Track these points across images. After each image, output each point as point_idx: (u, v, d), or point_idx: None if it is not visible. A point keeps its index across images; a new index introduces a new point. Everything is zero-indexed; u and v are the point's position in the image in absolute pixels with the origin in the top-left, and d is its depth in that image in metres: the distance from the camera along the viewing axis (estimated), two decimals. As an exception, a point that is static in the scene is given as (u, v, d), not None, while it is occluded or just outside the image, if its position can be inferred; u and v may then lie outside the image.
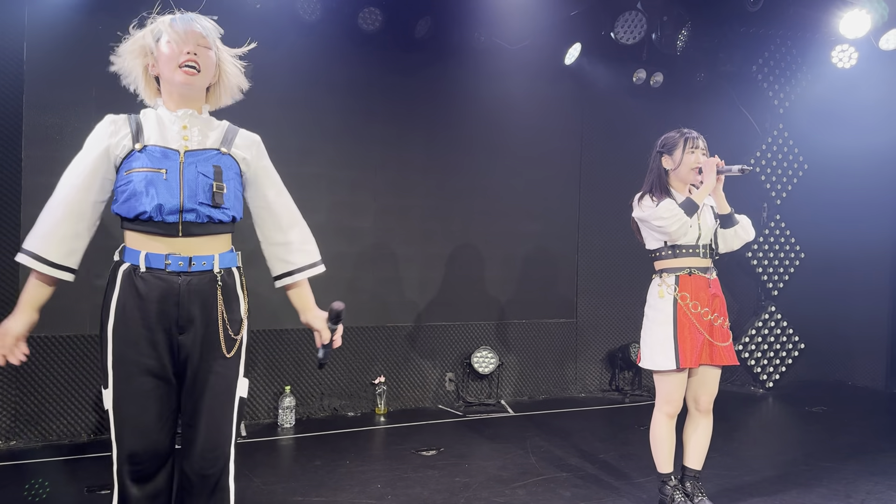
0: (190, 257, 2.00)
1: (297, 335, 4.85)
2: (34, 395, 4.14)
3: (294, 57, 4.75)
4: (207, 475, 2.04)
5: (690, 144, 3.03)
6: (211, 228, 2.04)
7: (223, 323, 2.04)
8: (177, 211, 1.98)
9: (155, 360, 1.99)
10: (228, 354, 2.05)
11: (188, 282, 2.00)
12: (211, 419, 2.03)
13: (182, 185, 1.99)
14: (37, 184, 4.13)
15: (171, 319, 1.99)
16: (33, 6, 4.09)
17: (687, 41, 5.18)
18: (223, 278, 2.05)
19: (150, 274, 1.99)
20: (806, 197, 6.34)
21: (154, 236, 1.99)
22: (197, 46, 2.03)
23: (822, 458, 4.14)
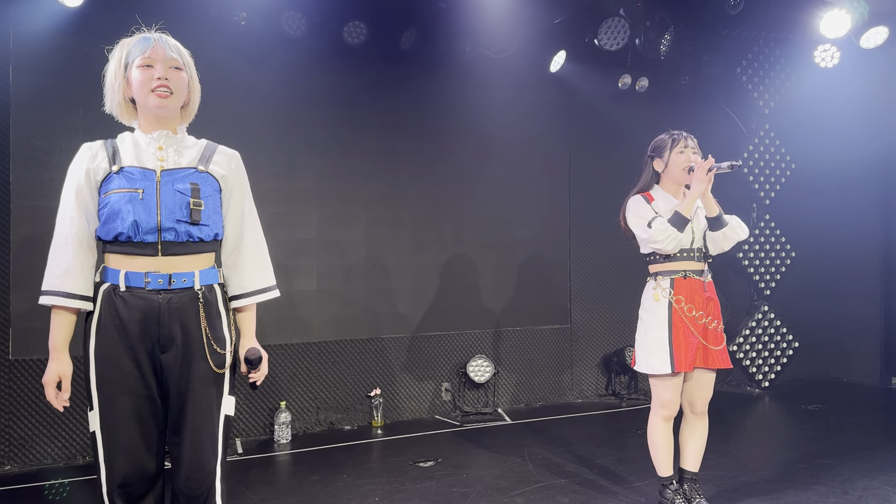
0: (170, 275, 1.99)
1: (290, 350, 4.84)
2: (27, 418, 4.12)
3: (280, 72, 4.76)
4: (194, 496, 2.03)
5: (680, 144, 3.02)
6: (191, 247, 2.03)
7: (206, 339, 2.02)
8: (154, 230, 1.98)
9: (138, 380, 1.98)
10: (219, 370, 2.04)
11: (168, 299, 1.99)
12: (194, 439, 2.01)
13: (159, 204, 1.98)
14: (25, 206, 4.13)
15: (152, 338, 1.98)
16: (18, 28, 4.10)
17: (670, 45, 5.22)
18: (204, 295, 2.04)
19: (129, 293, 1.97)
20: (794, 196, 6.38)
21: (134, 256, 1.99)
22: (168, 69, 2.03)
23: (819, 455, 4.15)
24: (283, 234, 4.82)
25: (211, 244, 2.09)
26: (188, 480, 2.02)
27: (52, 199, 4.14)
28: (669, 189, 3.09)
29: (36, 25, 4.13)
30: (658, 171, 3.11)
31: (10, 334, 4.07)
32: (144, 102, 2.03)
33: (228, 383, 2.09)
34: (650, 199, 3.07)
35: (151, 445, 2.01)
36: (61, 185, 4.35)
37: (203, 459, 2.03)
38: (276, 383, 4.79)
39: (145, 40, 2.04)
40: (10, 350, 4.08)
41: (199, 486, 2.02)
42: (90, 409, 2.01)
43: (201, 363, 2.02)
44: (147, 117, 2.07)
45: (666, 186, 3.10)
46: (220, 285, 2.11)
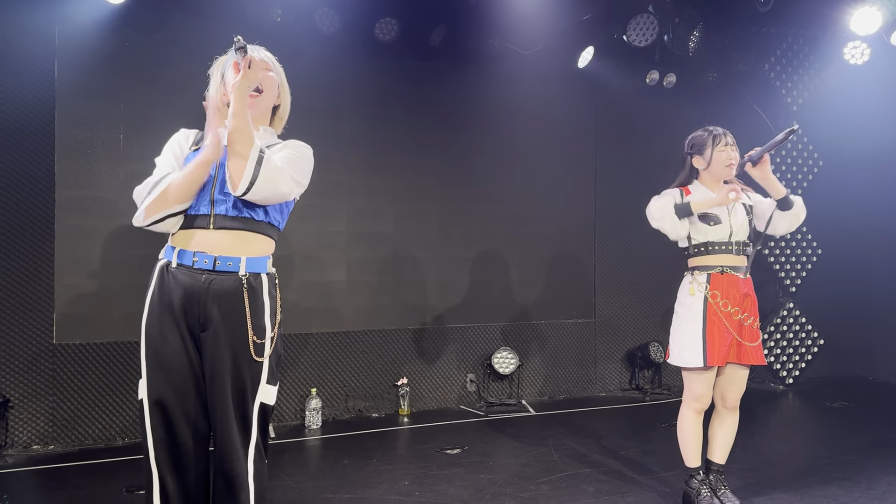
0: (215, 256, 2.05)
1: (321, 339, 4.96)
2: (70, 401, 4.28)
3: (313, 68, 4.86)
4: (227, 477, 2.07)
5: (720, 142, 3.04)
6: (242, 224, 2.08)
7: (249, 328, 2.05)
8: (209, 202, 2.07)
9: (182, 355, 2.05)
10: (258, 359, 2.07)
11: (211, 281, 2.05)
12: (223, 420, 2.06)
13: (216, 177, 2.08)
14: (70, 196, 4.28)
15: (194, 316, 2.06)
16: (63, 24, 4.24)
17: (699, 42, 5.24)
18: (248, 282, 2.08)
19: (178, 270, 2.07)
20: (822, 193, 6.35)
21: (188, 230, 2.08)
22: (262, 69, 2.15)
23: (844, 452, 4.17)
24: (315, 226, 4.94)
25: (262, 226, 2.13)
26: (221, 462, 2.08)
27: (95, 190, 4.32)
28: (709, 184, 3.11)
29: (80, 21, 4.27)
30: (698, 169, 3.12)
31: (54, 320, 4.23)
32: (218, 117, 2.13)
33: (267, 372, 2.11)
34: (686, 193, 3.10)
35: (193, 418, 2.07)
36: (104, 176, 4.51)
37: (233, 444, 2.06)
38: (307, 371, 4.91)
39: None
40: (55, 335, 4.24)
41: (231, 468, 2.07)
42: (140, 377, 2.10)
43: (236, 348, 2.05)
44: None
45: (705, 183, 3.12)
46: (268, 275, 2.16)
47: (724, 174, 3.06)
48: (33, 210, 4.19)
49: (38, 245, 4.20)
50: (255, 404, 2.09)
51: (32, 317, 4.19)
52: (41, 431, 4.22)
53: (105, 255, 4.35)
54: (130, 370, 4.41)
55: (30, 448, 4.18)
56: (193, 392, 2.07)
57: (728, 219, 3.06)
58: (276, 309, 2.17)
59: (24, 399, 4.18)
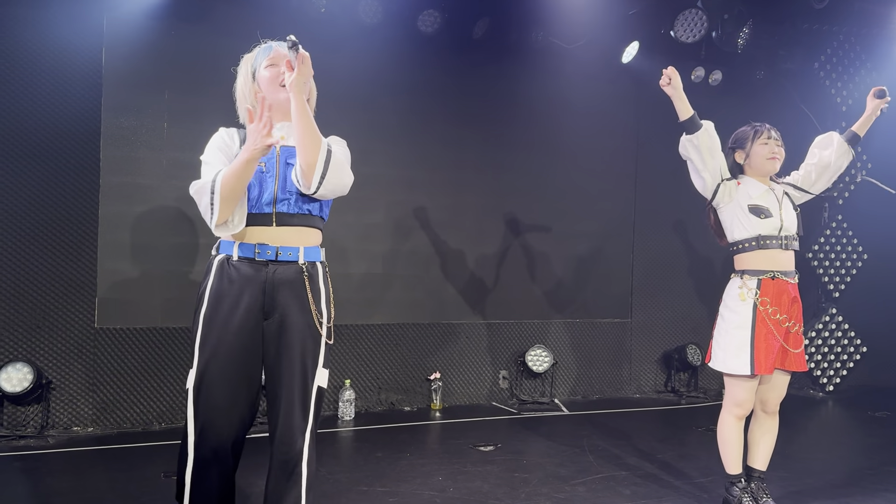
0: (277, 247, 2.14)
1: (356, 330, 4.97)
2: (110, 384, 4.35)
3: (355, 59, 4.86)
4: (284, 460, 2.15)
5: (763, 136, 3.03)
6: (301, 220, 2.18)
7: (312, 312, 2.15)
8: (271, 201, 2.15)
9: (240, 346, 2.12)
10: (317, 342, 2.16)
11: (275, 271, 2.14)
12: (287, 406, 2.14)
13: (277, 176, 2.16)
14: (114, 183, 4.33)
15: (258, 306, 2.13)
16: (112, 13, 4.29)
17: (748, 39, 5.11)
18: (308, 270, 2.18)
19: (240, 262, 2.14)
20: (868, 196, 6.17)
21: (249, 227, 2.15)
22: None
23: (888, 463, 4.06)
24: (352, 217, 4.94)
25: (316, 220, 2.23)
26: (280, 444, 2.15)
27: (139, 177, 4.37)
28: (755, 178, 3.07)
29: (128, 11, 4.31)
30: (739, 163, 3.09)
31: (96, 304, 4.30)
32: (275, 97, 2.20)
33: (323, 356, 2.21)
34: (738, 184, 3.05)
35: (240, 408, 2.15)
36: (147, 163, 4.56)
37: (293, 426, 2.14)
38: (342, 362, 4.92)
39: (268, 48, 2.27)
40: (96, 318, 4.31)
41: (290, 450, 2.15)
42: (191, 367, 2.16)
43: (299, 334, 2.14)
44: (274, 112, 2.18)
45: (750, 175, 3.09)
46: (321, 263, 2.25)
47: (767, 168, 3.03)
48: (78, 195, 4.26)
49: (82, 230, 4.27)
50: (314, 388, 2.18)
51: (75, 301, 4.26)
52: (81, 414, 4.29)
53: (147, 242, 4.40)
54: (169, 356, 4.46)
55: (70, 430, 4.26)
56: (246, 385, 2.15)
57: (779, 211, 3.00)
58: (331, 295, 2.27)
59: (65, 381, 4.25)
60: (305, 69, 2.09)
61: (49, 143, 4.19)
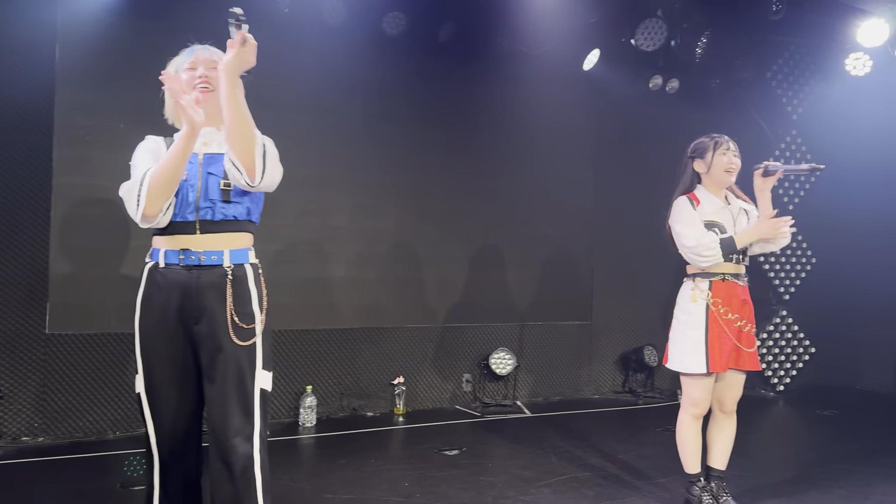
0: (200, 252, 2.14)
1: (317, 335, 4.91)
2: (62, 392, 4.20)
3: (319, 60, 4.81)
4: (227, 463, 2.11)
5: (723, 146, 3.08)
6: (227, 226, 2.18)
7: (231, 314, 2.13)
8: (194, 209, 2.14)
9: (174, 350, 2.16)
10: (242, 343, 2.13)
11: (199, 276, 2.15)
12: (225, 407, 2.12)
13: (199, 184, 2.15)
14: (67, 184, 4.20)
15: (186, 311, 2.15)
16: (65, 9, 4.15)
17: (705, 48, 5.24)
18: (233, 272, 2.16)
19: (167, 269, 2.16)
20: (818, 202, 6.40)
21: (174, 236, 2.15)
22: (209, 69, 2.21)
23: (838, 460, 4.20)
24: (316, 220, 4.89)
25: (244, 224, 2.22)
26: (219, 447, 2.12)
27: (94, 178, 4.24)
28: (711, 190, 3.13)
29: (82, 6, 4.18)
30: (699, 173, 3.15)
31: (47, 309, 4.15)
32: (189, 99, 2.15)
33: (262, 358, 2.19)
34: (696, 202, 3.11)
35: (190, 408, 2.20)
36: (102, 164, 4.43)
37: (231, 428, 2.11)
38: (303, 367, 4.86)
39: (190, 51, 2.28)
40: (48, 324, 4.16)
41: (231, 452, 2.10)
42: (136, 373, 2.21)
43: (229, 337, 2.13)
44: None
45: (708, 188, 3.14)
46: (251, 265, 2.23)
47: (724, 179, 3.09)
48: (29, 196, 4.11)
49: (33, 232, 4.12)
50: (255, 391, 2.17)
51: (25, 305, 4.11)
52: (31, 423, 4.14)
53: (101, 245, 4.27)
54: (124, 362, 4.33)
55: (19, 440, 4.10)
56: (188, 384, 2.19)
57: (733, 228, 3.08)
58: (263, 296, 2.24)
59: (14, 389, 4.09)
60: (246, 53, 2.01)
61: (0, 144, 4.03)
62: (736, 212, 3.13)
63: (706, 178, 3.14)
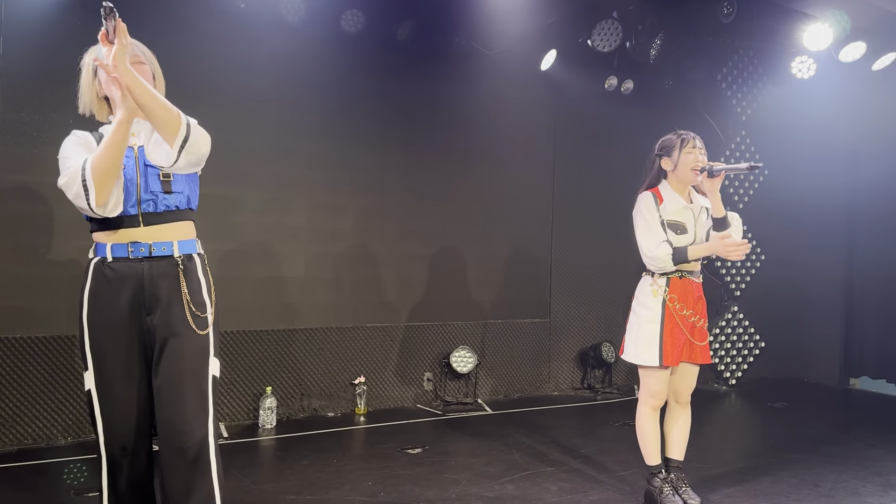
0: (150, 244, 2.18)
1: (275, 336, 4.84)
2: (8, 397, 4.04)
3: (276, 57, 4.74)
4: (182, 448, 2.13)
5: (689, 144, 3.12)
6: (169, 216, 2.21)
7: (187, 303, 2.18)
8: (135, 202, 2.16)
9: (126, 343, 2.17)
10: (201, 332, 2.19)
11: (150, 267, 2.17)
12: (180, 396, 2.15)
13: (138, 177, 2.18)
14: (13, 181, 4.04)
15: (138, 303, 2.17)
16: (9, 2, 4.00)
17: (660, 49, 5.35)
18: (183, 262, 2.21)
19: (115, 262, 2.17)
20: (766, 201, 6.61)
21: (118, 230, 2.16)
22: (132, 64, 2.15)
23: (788, 450, 4.34)
24: (274, 219, 4.82)
25: (186, 213, 2.27)
26: (175, 433, 2.13)
27: (41, 175, 4.09)
28: (676, 187, 3.18)
29: None
30: (666, 170, 3.20)
31: (-8, 311, 3.99)
32: (114, 96, 2.15)
33: (213, 345, 2.24)
34: (659, 200, 3.16)
35: (141, 402, 2.20)
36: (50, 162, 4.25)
37: (187, 413, 2.14)
38: (262, 368, 4.79)
39: None
40: (-7, 328, 4.00)
41: (189, 438, 2.13)
42: (85, 369, 2.20)
43: (183, 326, 2.17)
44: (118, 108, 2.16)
45: (673, 185, 3.19)
46: (199, 255, 2.29)
47: (691, 178, 3.13)
48: (-27, 195, 3.94)
49: (-23, 232, 3.96)
50: (209, 377, 2.21)
51: (-31, 308, 3.94)
52: (-24, 430, 3.97)
53: (50, 244, 4.13)
54: (75, 365, 4.19)
55: (-37, 448, 3.93)
56: (140, 377, 2.19)
57: (693, 228, 3.15)
58: (211, 285, 2.30)
59: (-43, 396, 3.93)
60: (125, 39, 2.02)
61: (-62, 138, 3.86)
62: (697, 211, 3.20)
63: (672, 177, 3.18)
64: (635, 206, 3.20)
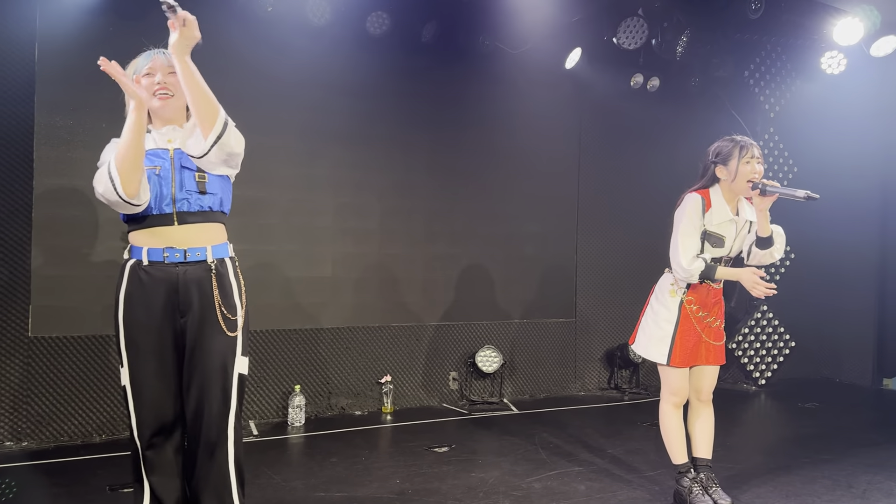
0: (185, 249, 2.26)
1: (303, 335, 4.89)
2: (46, 396, 4.14)
3: (303, 60, 4.80)
4: (207, 441, 2.30)
5: (746, 154, 2.96)
6: (203, 217, 2.30)
7: (219, 306, 2.28)
8: (170, 201, 2.25)
9: (159, 343, 2.27)
10: (231, 333, 2.30)
11: (185, 271, 2.27)
12: (204, 390, 2.29)
13: (174, 178, 2.27)
14: (49, 184, 4.14)
15: (172, 306, 2.27)
16: (45, 7, 4.10)
17: (686, 46, 5.31)
18: (216, 267, 2.30)
19: (151, 266, 2.26)
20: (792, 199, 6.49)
21: (153, 229, 2.25)
22: (167, 75, 2.31)
23: (821, 451, 4.28)
24: (301, 220, 4.87)
25: (218, 215, 2.35)
26: (202, 427, 2.29)
27: (75, 178, 4.19)
28: (727, 196, 3.05)
29: (62, 4, 4.13)
30: (721, 178, 3.03)
31: (30, 311, 4.09)
32: (150, 104, 2.31)
33: (241, 345, 2.35)
34: (707, 206, 3.04)
35: (172, 398, 2.32)
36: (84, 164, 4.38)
37: (214, 408, 2.29)
38: (290, 367, 4.84)
39: (147, 55, 2.37)
40: (30, 327, 4.09)
41: (213, 432, 2.29)
42: (121, 366, 2.31)
43: (214, 327, 2.28)
44: (156, 118, 2.36)
45: (724, 192, 3.04)
46: (230, 259, 2.38)
47: (745, 190, 2.98)
48: (10, 198, 4.04)
49: (14, 234, 4.05)
50: (234, 375, 2.33)
51: (7, 308, 4.04)
52: (15, 427, 4.07)
53: (85, 246, 4.22)
54: (109, 364, 4.28)
55: (3, 444, 4.03)
56: (171, 374, 2.31)
57: (732, 241, 3.09)
58: (242, 287, 2.39)
59: (-4, 394, 4.03)
60: (188, 31, 2.11)
61: (-23, 143, 3.96)
62: (741, 224, 3.09)
63: (726, 186, 3.04)
64: (681, 205, 3.09)
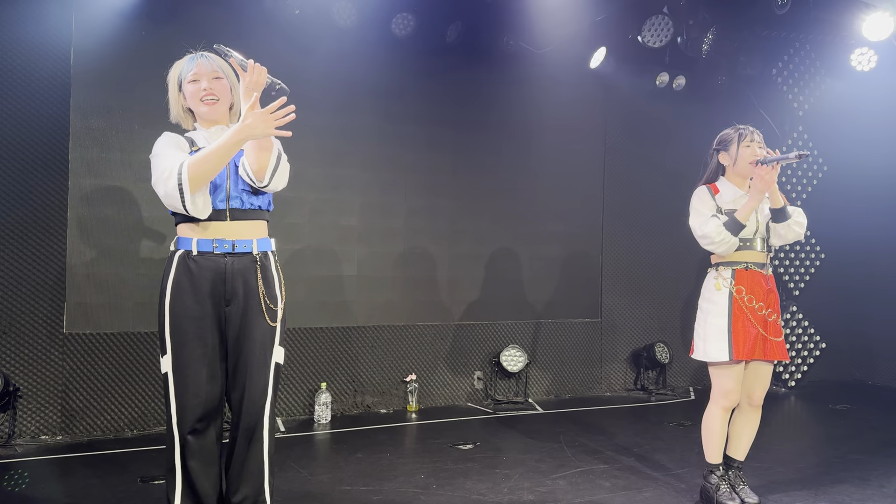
0: (233, 241, 2.37)
1: (331, 333, 4.94)
2: (79, 391, 4.24)
3: (329, 61, 4.87)
4: (246, 427, 2.39)
5: (747, 138, 3.07)
6: (252, 214, 2.42)
7: (262, 296, 2.39)
8: (225, 198, 2.37)
9: (205, 330, 2.35)
10: (273, 323, 2.40)
11: (232, 262, 2.37)
12: (249, 379, 2.38)
13: (228, 177, 2.39)
14: (84, 185, 4.25)
15: (219, 294, 2.37)
16: (80, 12, 4.21)
17: (712, 44, 5.28)
18: (261, 259, 2.42)
19: (200, 256, 2.36)
20: (825, 198, 6.42)
21: (205, 223, 2.35)
22: (211, 80, 2.41)
23: (852, 452, 4.21)
24: (328, 219, 4.93)
25: (264, 213, 2.49)
26: (243, 413, 2.39)
27: (109, 179, 4.29)
28: (735, 182, 3.13)
29: (97, 9, 4.24)
30: (724, 165, 3.14)
31: (65, 309, 4.20)
32: (197, 110, 2.45)
33: (279, 335, 2.44)
34: (714, 191, 3.12)
35: (213, 386, 2.38)
36: (118, 165, 4.49)
37: (255, 396, 2.39)
38: (317, 365, 4.89)
39: (191, 60, 2.44)
40: (65, 324, 4.20)
41: (252, 418, 2.39)
42: (163, 354, 2.38)
43: (258, 316, 2.38)
44: (203, 120, 2.48)
45: (732, 179, 3.14)
46: (272, 252, 2.50)
47: (749, 171, 3.07)
48: (46, 198, 4.16)
49: (50, 233, 4.17)
50: (272, 364, 2.42)
51: (43, 306, 4.15)
52: (50, 422, 4.17)
53: (118, 245, 4.32)
54: (141, 361, 4.37)
55: (38, 438, 4.14)
56: (214, 361, 2.38)
57: (755, 216, 3.08)
58: (282, 280, 2.51)
59: (33, 389, 4.14)
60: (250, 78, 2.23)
61: (16, 145, 4.08)
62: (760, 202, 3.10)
63: (730, 171, 3.13)
64: (691, 203, 3.15)
